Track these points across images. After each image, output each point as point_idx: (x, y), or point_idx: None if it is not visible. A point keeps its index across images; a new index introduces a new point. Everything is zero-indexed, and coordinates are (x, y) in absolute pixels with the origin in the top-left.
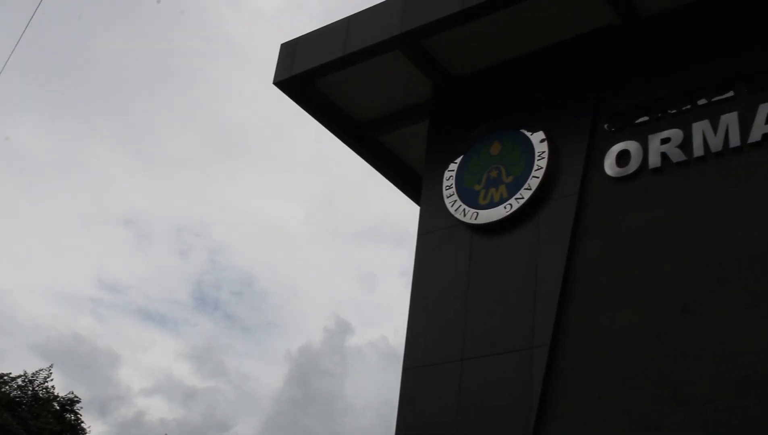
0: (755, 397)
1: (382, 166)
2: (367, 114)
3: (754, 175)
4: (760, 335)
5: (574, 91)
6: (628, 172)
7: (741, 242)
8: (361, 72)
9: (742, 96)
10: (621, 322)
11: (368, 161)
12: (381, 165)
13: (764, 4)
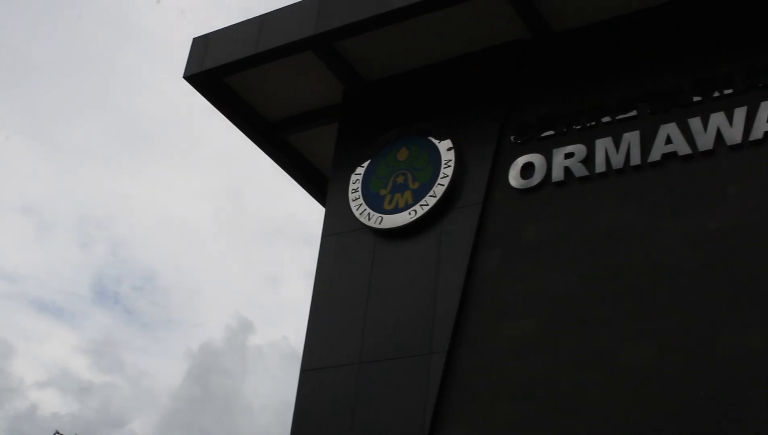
0: (644, 411)
1: (289, 166)
2: (277, 113)
3: (653, 194)
4: (651, 350)
5: (483, 102)
6: (531, 185)
7: (637, 258)
8: (272, 71)
9: (644, 116)
10: (518, 332)
11: (276, 161)
12: (289, 165)
13: (669, 27)
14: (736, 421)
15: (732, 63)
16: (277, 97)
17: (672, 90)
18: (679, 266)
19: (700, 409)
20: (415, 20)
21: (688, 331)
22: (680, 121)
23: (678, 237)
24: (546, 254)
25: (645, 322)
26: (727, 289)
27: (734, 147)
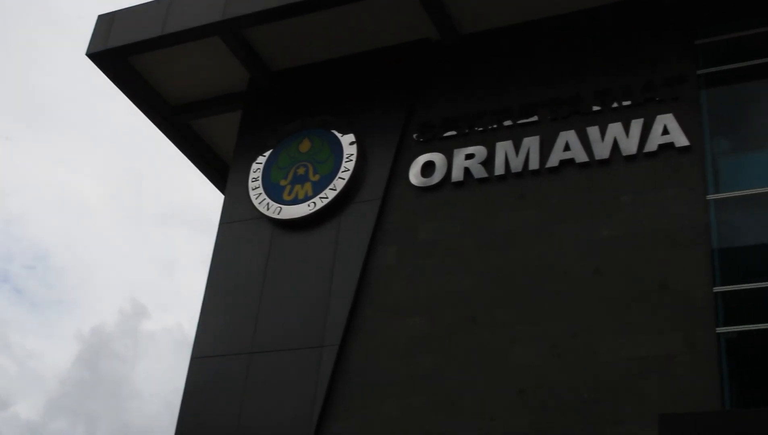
0: (527, 409)
1: (190, 151)
2: (181, 97)
3: (549, 199)
4: (539, 351)
5: (387, 99)
6: (431, 183)
7: (529, 261)
8: (178, 54)
9: (545, 122)
10: (411, 329)
11: (177, 145)
12: (190, 150)
13: (573, 37)
14: (616, 423)
15: (631, 76)
16: (182, 81)
17: (573, 98)
18: (570, 271)
19: (583, 411)
20: (324, 13)
21: (575, 334)
22: (579, 129)
23: (571, 242)
24: (442, 253)
25: (535, 324)
26: (615, 295)
27: (629, 157)
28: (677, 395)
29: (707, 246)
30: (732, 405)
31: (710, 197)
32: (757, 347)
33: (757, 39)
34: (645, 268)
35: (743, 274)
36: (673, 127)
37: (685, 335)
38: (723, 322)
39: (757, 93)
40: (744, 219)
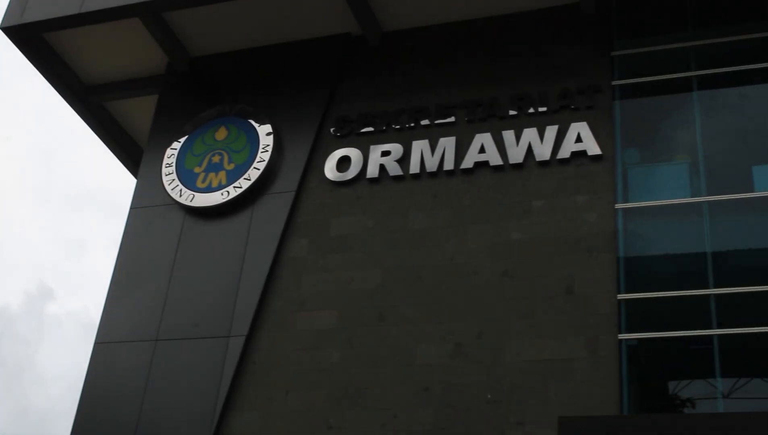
0: (431, 407)
1: (104, 132)
2: (97, 77)
3: (461, 200)
4: (445, 350)
5: (307, 91)
6: (346, 178)
7: (440, 260)
8: (96, 33)
9: (462, 123)
10: (318, 323)
11: (90, 126)
12: (103, 132)
13: (494, 40)
14: (518, 424)
15: (548, 82)
16: (98, 61)
17: (490, 101)
18: (479, 272)
19: (486, 410)
20: (247, 0)
21: (481, 335)
22: (495, 133)
23: (482, 244)
24: (353, 248)
25: (442, 323)
26: (521, 298)
27: (543, 163)
28: (578, 399)
29: (614, 254)
30: (630, 410)
31: (619, 206)
32: (656, 355)
33: (671, 54)
34: (552, 272)
35: (647, 283)
36: (587, 135)
37: (587, 340)
38: (625, 328)
39: (669, 106)
40: (650, 229)
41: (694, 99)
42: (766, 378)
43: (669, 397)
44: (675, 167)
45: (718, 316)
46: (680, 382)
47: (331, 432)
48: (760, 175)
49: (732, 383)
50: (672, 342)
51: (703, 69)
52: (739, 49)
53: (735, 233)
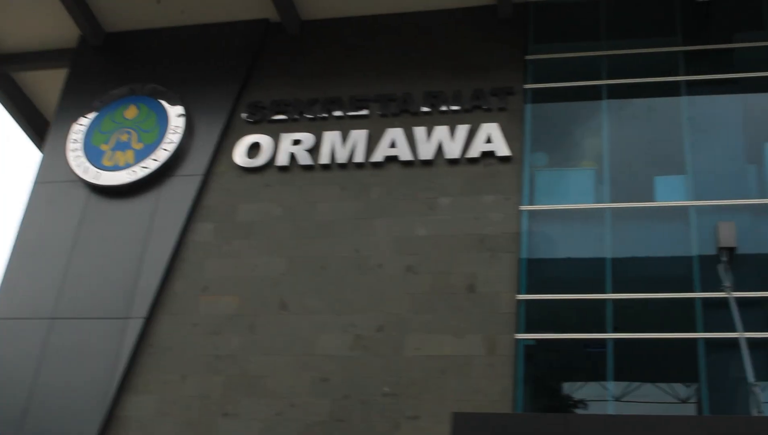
0: (328, 398)
1: (9, 103)
2: (5, 47)
3: (370, 193)
4: (345, 342)
5: (221, 75)
6: (255, 165)
7: (345, 252)
8: (8, 2)
9: (374, 117)
10: (220, 308)
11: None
12: (9, 102)
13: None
14: (413, 418)
15: (463, 82)
16: (8, 30)
17: (404, 97)
18: (383, 265)
19: (383, 403)
20: None
21: (382, 328)
22: (407, 128)
23: (387, 238)
24: (259, 235)
25: (344, 314)
26: (424, 293)
27: (452, 161)
28: (474, 395)
29: (516, 254)
30: (524, 409)
31: (523, 208)
32: (552, 356)
33: (583, 62)
34: (455, 269)
35: (547, 285)
36: (497, 136)
37: (486, 338)
38: (523, 328)
39: (579, 113)
40: (553, 232)
41: (603, 107)
42: (656, 383)
43: (562, 397)
44: (581, 173)
45: (614, 321)
46: (574, 384)
47: (226, 419)
48: (661, 185)
49: (624, 387)
50: (568, 344)
51: (613, 78)
52: (649, 61)
53: (635, 241)
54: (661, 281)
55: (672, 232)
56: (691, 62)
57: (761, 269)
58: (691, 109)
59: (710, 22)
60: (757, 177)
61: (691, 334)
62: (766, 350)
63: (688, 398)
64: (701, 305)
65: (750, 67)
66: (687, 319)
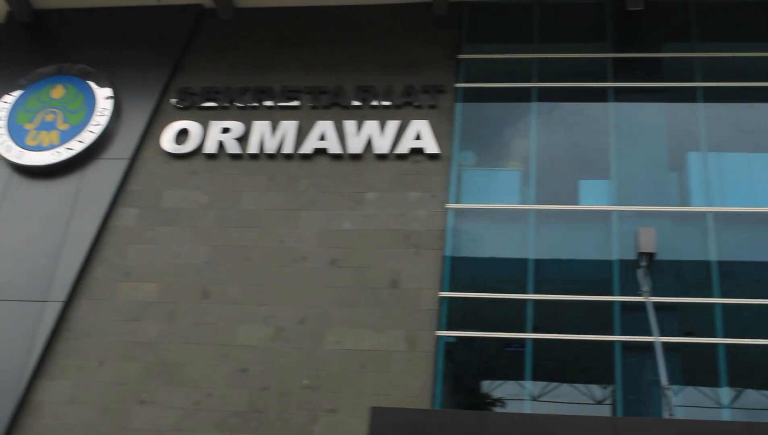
0: (247, 389)
1: None
2: None
3: (297, 185)
4: (266, 333)
5: (152, 59)
6: (183, 151)
7: (269, 243)
8: None
9: (305, 108)
10: (140, 295)
11: None
12: None
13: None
14: (332, 411)
15: (395, 78)
16: None
17: (335, 90)
18: (308, 258)
19: (302, 396)
20: None
21: (304, 321)
22: (337, 121)
23: (313, 230)
24: (183, 223)
25: (265, 305)
26: (347, 287)
27: (381, 156)
28: (393, 391)
29: (440, 252)
30: (443, 406)
31: (449, 206)
32: (472, 353)
33: (515, 63)
34: (379, 264)
35: (470, 283)
36: (426, 133)
37: (407, 334)
38: (445, 326)
39: (508, 114)
40: (478, 231)
41: (532, 109)
42: (573, 383)
43: (481, 395)
44: (507, 173)
45: (534, 321)
46: (493, 382)
47: (143, 407)
48: (586, 189)
49: (542, 386)
50: (488, 342)
51: (543, 81)
52: (579, 66)
53: (557, 243)
54: (582, 283)
55: (594, 235)
56: (619, 69)
57: (678, 275)
58: (617, 116)
59: (640, 31)
60: (678, 185)
61: (609, 336)
62: (680, 354)
63: (604, 399)
64: (619, 308)
65: (676, 77)
66: (605, 322)
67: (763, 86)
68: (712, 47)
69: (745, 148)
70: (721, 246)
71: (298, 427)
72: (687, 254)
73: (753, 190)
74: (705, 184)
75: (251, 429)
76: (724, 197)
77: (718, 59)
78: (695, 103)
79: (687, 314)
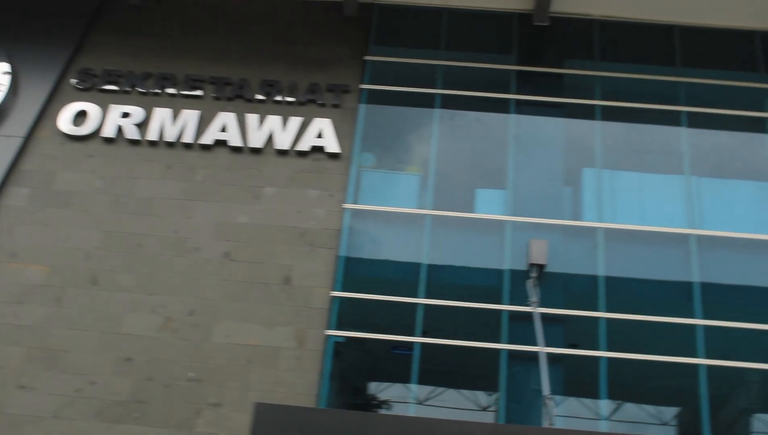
0: (130, 378)
1: None
2: None
3: (195, 175)
4: (152, 322)
5: (54, 36)
6: (80, 133)
7: (163, 232)
8: None
9: (208, 99)
10: (27, 277)
11: None
12: None
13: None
14: (216, 405)
15: (301, 75)
16: None
17: (240, 82)
18: (201, 250)
19: (186, 388)
20: None
21: (193, 313)
22: (239, 114)
23: (208, 222)
24: (76, 206)
25: (155, 295)
26: (239, 281)
27: (281, 152)
28: (279, 387)
29: (335, 251)
30: (328, 405)
31: (347, 206)
32: (361, 354)
33: (420, 69)
34: (273, 260)
35: (362, 284)
36: (328, 132)
37: (297, 331)
38: (335, 325)
39: (411, 118)
40: (374, 233)
41: (435, 116)
42: (459, 389)
43: (367, 396)
44: (406, 177)
45: (424, 326)
46: (381, 384)
47: (21, 392)
48: (482, 198)
49: (429, 391)
50: (377, 344)
51: (447, 89)
52: (483, 76)
53: (451, 249)
54: (473, 290)
55: (487, 244)
56: (522, 82)
57: (566, 288)
58: (517, 127)
59: (544, 46)
60: (572, 199)
61: (496, 344)
62: (564, 365)
63: (488, 406)
64: (507, 317)
65: (576, 93)
66: (493, 330)
67: (659, 108)
68: (613, 67)
69: (637, 168)
70: (610, 262)
71: (181, 420)
72: (576, 268)
73: (643, 209)
74: (597, 201)
75: (133, 420)
76: (615, 214)
77: (618, 79)
78: (593, 120)
79: (572, 326)
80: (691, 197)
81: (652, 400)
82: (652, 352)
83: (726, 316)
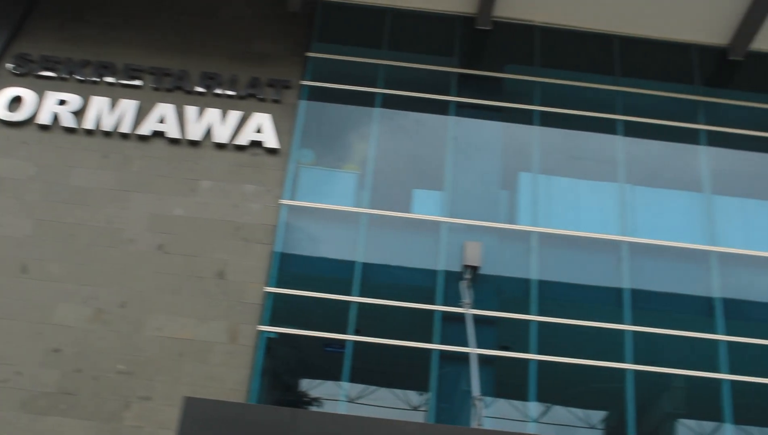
0: (59, 370)
1: None
2: None
3: (131, 165)
4: (84, 314)
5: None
6: (15, 120)
7: (97, 222)
8: None
9: (147, 89)
10: None
11: None
12: None
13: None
14: (145, 398)
15: (242, 68)
16: None
17: (180, 74)
18: (135, 241)
19: (116, 380)
20: None
21: (125, 304)
22: (178, 105)
23: (143, 213)
24: (7, 193)
25: (86, 285)
26: (172, 274)
27: (219, 145)
28: (210, 382)
29: (270, 247)
30: (259, 400)
31: (284, 202)
32: (293, 351)
33: (362, 67)
34: (207, 254)
35: (297, 281)
36: (268, 127)
37: (229, 326)
38: (268, 321)
39: (351, 116)
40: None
41: (375, 115)
42: (391, 388)
43: (298, 393)
44: (344, 175)
45: (357, 324)
46: (312, 381)
47: None
48: (419, 198)
49: (360, 389)
50: (310, 341)
51: (388, 89)
52: (424, 77)
53: (387, 248)
54: (407, 290)
55: (423, 244)
56: (463, 85)
57: (499, 290)
58: (457, 129)
59: (486, 50)
60: (508, 203)
61: (428, 344)
62: (494, 367)
63: (419, 406)
64: (440, 318)
65: (516, 98)
66: (425, 330)
67: (596, 116)
68: (552, 73)
69: (573, 174)
70: (543, 265)
71: (110, 413)
72: (509, 271)
73: (577, 215)
74: (533, 205)
75: (60, 411)
76: (549, 219)
77: (557, 85)
78: (531, 125)
79: (504, 329)
80: (624, 205)
81: (580, 403)
82: (582, 356)
83: (654, 322)
